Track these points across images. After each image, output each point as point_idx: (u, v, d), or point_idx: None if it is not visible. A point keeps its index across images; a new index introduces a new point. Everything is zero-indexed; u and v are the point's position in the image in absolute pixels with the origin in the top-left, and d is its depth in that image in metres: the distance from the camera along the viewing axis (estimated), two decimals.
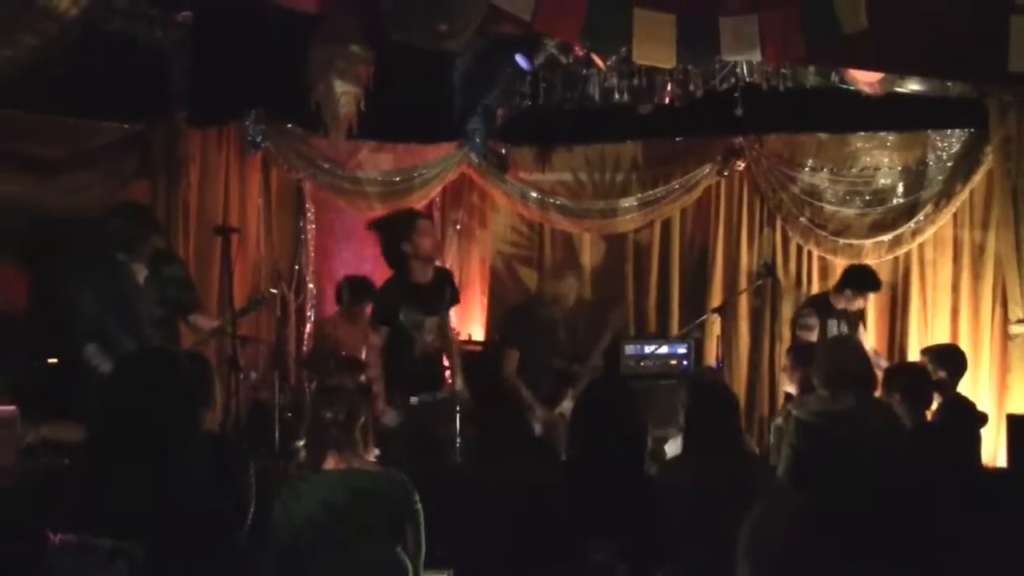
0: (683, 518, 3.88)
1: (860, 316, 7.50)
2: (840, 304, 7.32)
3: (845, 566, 2.61)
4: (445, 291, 6.35)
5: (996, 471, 6.54)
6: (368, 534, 3.96)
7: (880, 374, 5.43)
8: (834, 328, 7.23)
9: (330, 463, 4.03)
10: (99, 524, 2.47)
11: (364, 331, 7.56)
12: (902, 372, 5.75)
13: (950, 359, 6.24)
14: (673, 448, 5.24)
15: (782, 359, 7.68)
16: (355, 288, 7.43)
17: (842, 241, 7.90)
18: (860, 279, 7.36)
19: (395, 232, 6.15)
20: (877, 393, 5.16)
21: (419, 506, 4.09)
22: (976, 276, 7.75)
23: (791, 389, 5.89)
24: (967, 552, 3.03)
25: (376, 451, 4.18)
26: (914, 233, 7.78)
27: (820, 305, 7.40)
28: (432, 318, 6.23)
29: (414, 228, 6.11)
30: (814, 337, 7.11)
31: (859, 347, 5.30)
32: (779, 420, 5.44)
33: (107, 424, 2.64)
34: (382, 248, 6.21)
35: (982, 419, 6.24)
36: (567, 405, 6.54)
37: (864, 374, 4.92)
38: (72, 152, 6.77)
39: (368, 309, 7.27)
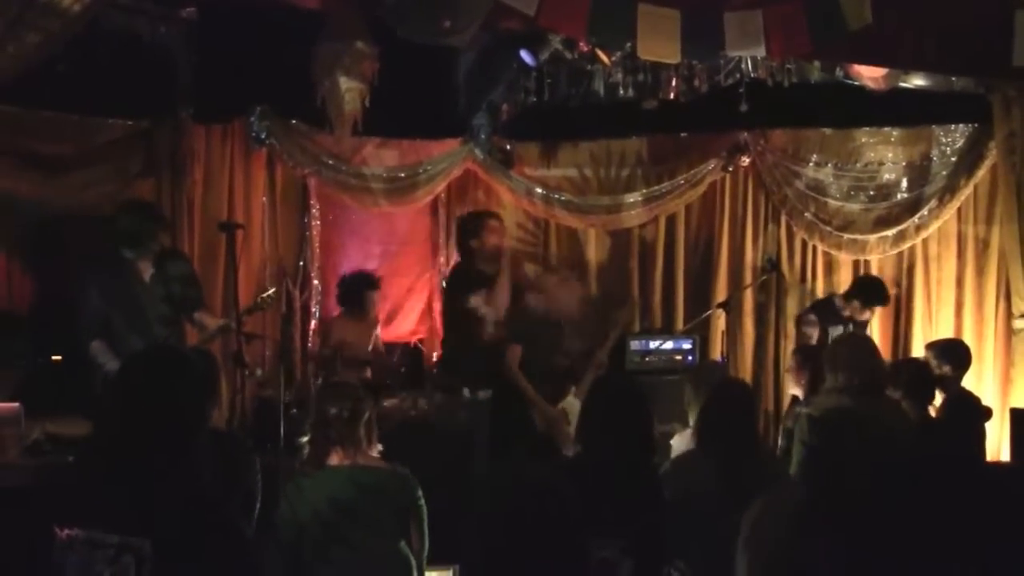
0: (701, 516, 3.87)
1: (866, 325, 7.47)
2: (846, 312, 7.30)
3: (843, 562, 2.61)
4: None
5: (1000, 465, 6.54)
6: (373, 529, 3.98)
7: None
8: (836, 334, 7.20)
9: (334, 459, 4.04)
10: (106, 520, 2.48)
11: (370, 328, 7.60)
12: (905, 368, 5.74)
13: (955, 354, 6.24)
14: (678, 443, 5.23)
15: (787, 355, 7.69)
16: (353, 281, 7.54)
17: (846, 236, 7.89)
18: (871, 293, 7.33)
19: (466, 228, 6.85)
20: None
21: (423, 501, 4.11)
22: (980, 271, 7.74)
23: (797, 392, 5.85)
24: (972, 546, 3.03)
25: (379, 446, 4.19)
26: (918, 228, 7.77)
27: (825, 309, 7.39)
28: (492, 309, 6.58)
29: (483, 226, 6.72)
30: (814, 340, 7.11)
31: (874, 346, 5.28)
32: (789, 423, 5.42)
33: (114, 421, 2.65)
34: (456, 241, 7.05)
35: (987, 414, 6.24)
36: (570, 401, 6.54)
37: (879, 373, 4.89)
38: (77, 149, 6.79)
39: (372, 304, 7.41)
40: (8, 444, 5.26)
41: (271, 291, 6.44)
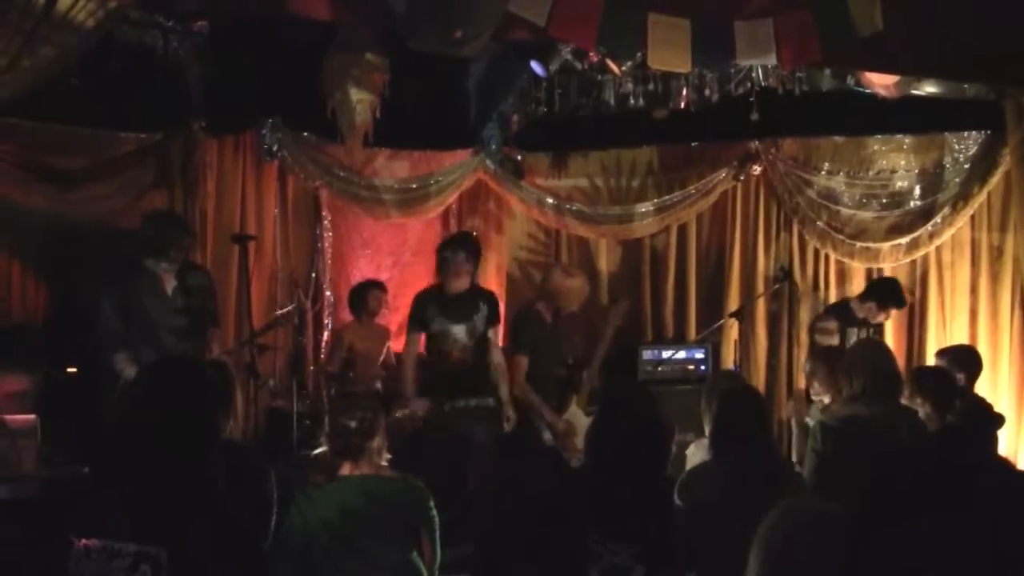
0: (714, 526, 3.85)
1: (881, 328, 7.44)
2: (861, 314, 7.27)
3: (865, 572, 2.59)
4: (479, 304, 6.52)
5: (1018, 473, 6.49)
6: (384, 540, 3.98)
7: None
8: (855, 337, 7.17)
9: (346, 469, 4.04)
10: (123, 529, 2.48)
11: (382, 337, 7.61)
12: (929, 376, 5.65)
13: (968, 360, 6.21)
14: (694, 452, 5.21)
15: (800, 363, 7.67)
16: (360, 286, 7.65)
17: (859, 244, 7.87)
18: (886, 293, 7.28)
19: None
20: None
21: (434, 512, 4.09)
22: (994, 278, 7.71)
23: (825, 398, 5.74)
24: (988, 555, 3.00)
25: (388, 455, 4.19)
26: (931, 236, 7.74)
27: (841, 312, 7.36)
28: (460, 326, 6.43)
29: None
30: (835, 342, 7.06)
31: (888, 351, 5.25)
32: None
33: (129, 431, 2.66)
34: None
35: (999, 420, 6.20)
36: (573, 411, 6.53)
37: (893, 379, 4.85)
38: (90, 162, 6.83)
39: (376, 302, 7.45)
40: (25, 455, 5.28)
41: (288, 308, 6.46)
